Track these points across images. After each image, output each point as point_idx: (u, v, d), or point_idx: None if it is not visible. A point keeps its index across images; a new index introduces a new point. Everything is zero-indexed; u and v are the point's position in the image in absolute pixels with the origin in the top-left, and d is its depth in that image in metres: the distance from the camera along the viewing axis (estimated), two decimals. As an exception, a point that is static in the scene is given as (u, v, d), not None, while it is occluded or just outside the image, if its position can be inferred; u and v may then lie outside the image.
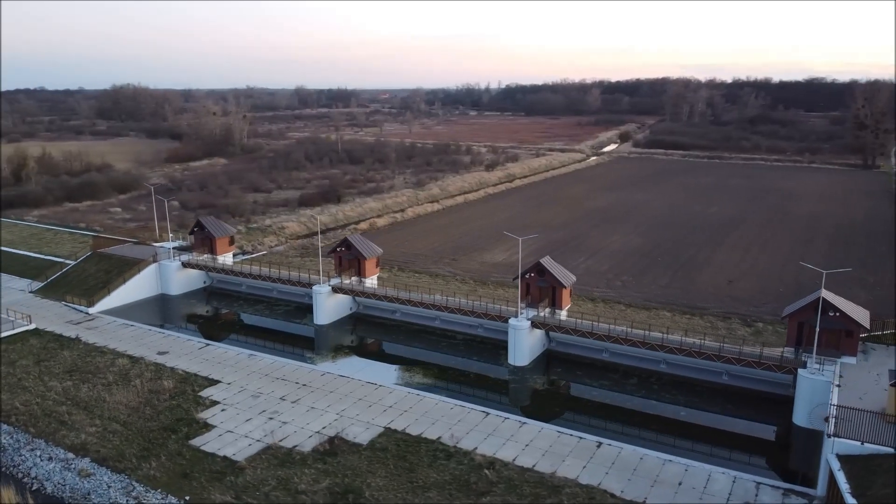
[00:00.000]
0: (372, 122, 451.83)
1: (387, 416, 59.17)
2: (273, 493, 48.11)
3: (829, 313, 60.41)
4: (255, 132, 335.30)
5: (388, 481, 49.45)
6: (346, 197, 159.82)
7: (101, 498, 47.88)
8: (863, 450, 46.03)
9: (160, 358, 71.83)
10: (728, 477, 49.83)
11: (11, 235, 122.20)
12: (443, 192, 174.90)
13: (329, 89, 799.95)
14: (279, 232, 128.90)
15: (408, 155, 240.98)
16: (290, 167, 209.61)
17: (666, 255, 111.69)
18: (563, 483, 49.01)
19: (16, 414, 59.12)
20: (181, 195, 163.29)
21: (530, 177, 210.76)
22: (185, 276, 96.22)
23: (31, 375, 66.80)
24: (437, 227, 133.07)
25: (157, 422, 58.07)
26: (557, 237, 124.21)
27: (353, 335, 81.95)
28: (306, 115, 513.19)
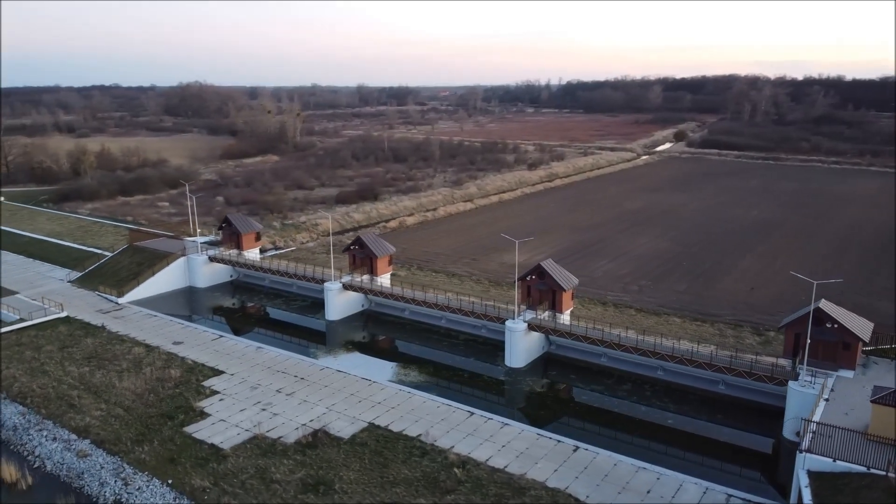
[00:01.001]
0: (426, 119, 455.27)
1: (374, 412, 60.85)
2: (249, 480, 50.45)
3: (827, 325, 58.85)
4: (310, 130, 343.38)
5: (360, 475, 51.12)
6: (383, 195, 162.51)
7: (93, 478, 51.27)
8: (834, 467, 44.97)
9: (174, 348, 75.57)
10: (700, 488, 49.42)
11: (60, 227, 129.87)
12: (480, 191, 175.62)
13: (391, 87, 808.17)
14: (312, 228, 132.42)
15: (452, 153, 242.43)
16: (337, 165, 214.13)
17: (691, 259, 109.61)
18: (529, 485, 49.60)
19: (32, 396, 63.52)
20: (227, 191, 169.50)
21: (573, 176, 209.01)
22: (212, 269, 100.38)
23: (54, 360, 71.42)
24: (464, 227, 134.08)
25: (157, 408, 61.38)
26: (583, 239, 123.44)
27: (363, 332, 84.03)
28: (364, 112, 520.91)
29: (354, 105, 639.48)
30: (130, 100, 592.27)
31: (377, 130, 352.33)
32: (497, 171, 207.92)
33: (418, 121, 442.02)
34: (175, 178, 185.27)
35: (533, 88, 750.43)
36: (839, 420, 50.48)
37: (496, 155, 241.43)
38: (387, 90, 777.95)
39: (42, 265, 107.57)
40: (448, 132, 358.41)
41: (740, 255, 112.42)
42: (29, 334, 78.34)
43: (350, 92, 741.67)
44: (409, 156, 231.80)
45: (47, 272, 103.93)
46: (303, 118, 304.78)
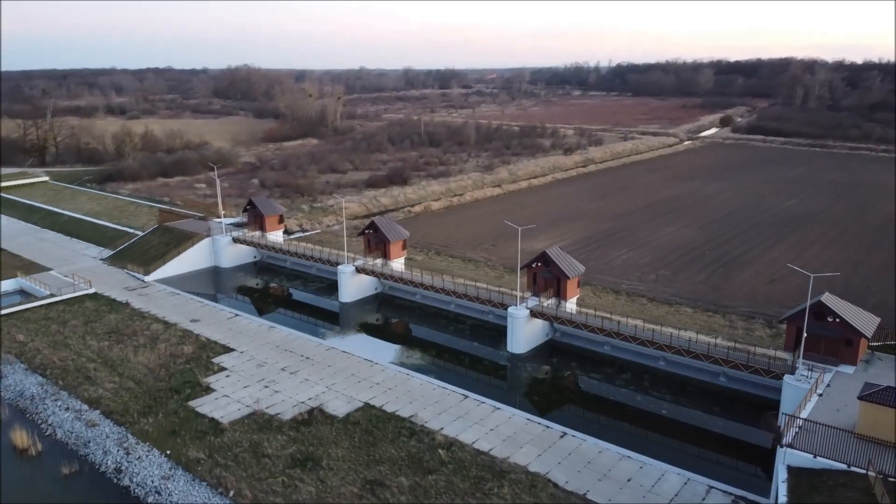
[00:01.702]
0: (468, 103, 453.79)
1: (371, 392, 62.38)
2: (242, 454, 52.59)
3: (828, 319, 57.67)
4: (352, 114, 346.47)
5: (348, 452, 52.73)
6: (413, 179, 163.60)
7: (98, 446, 54.19)
8: (815, 463, 44.39)
9: (191, 325, 78.53)
10: (681, 478, 49.43)
11: (99, 207, 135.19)
12: (511, 176, 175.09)
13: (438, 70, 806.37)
14: (339, 212, 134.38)
15: (489, 138, 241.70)
16: (373, 149, 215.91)
17: (715, 250, 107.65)
18: (510, 469, 50.42)
19: (52, 367, 67.12)
20: (262, 174, 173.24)
21: (609, 162, 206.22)
22: (236, 250, 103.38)
23: (77, 334, 75.13)
24: (489, 213, 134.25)
25: (166, 383, 64.18)
26: (608, 227, 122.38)
27: (375, 314, 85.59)
28: (408, 96, 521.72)
29: (400, 88, 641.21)
30: (183, 82, 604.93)
31: (418, 114, 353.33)
32: (532, 156, 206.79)
33: (460, 104, 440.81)
34: (214, 160, 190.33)
35: (581, 71, 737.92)
36: (830, 416, 49.68)
37: (533, 139, 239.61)
38: (434, 73, 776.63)
39: (78, 243, 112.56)
40: (489, 115, 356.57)
41: (768, 246, 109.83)
42: (57, 309, 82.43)
43: (397, 75, 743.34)
44: (444, 140, 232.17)
45: (82, 250, 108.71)
46: (343, 102, 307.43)
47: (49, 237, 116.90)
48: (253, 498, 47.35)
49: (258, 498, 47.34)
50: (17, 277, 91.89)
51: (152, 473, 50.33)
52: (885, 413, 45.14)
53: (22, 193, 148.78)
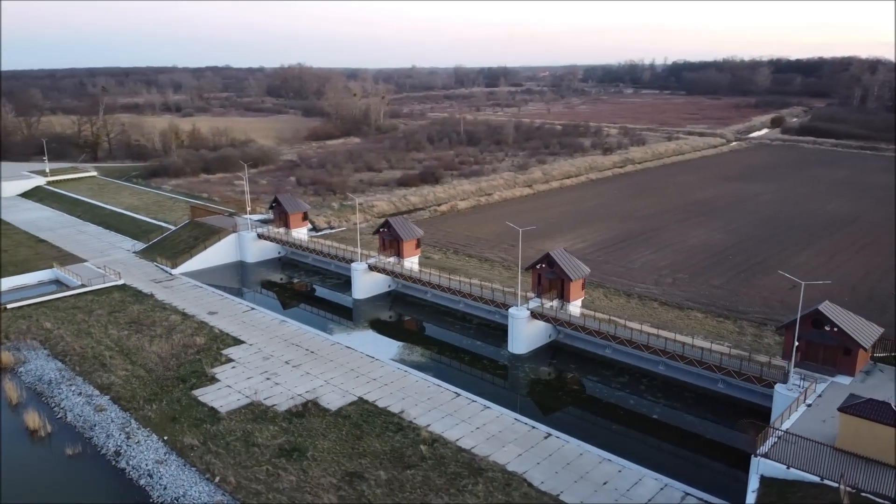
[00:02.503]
0: (514, 101, 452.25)
1: (367, 387, 63.91)
2: (233, 442, 54.80)
3: (826, 328, 56.40)
4: (397, 112, 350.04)
5: (334, 445, 54.36)
6: (445, 178, 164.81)
7: (102, 430, 57.21)
8: (787, 474, 43.82)
9: (207, 317, 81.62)
10: (658, 483, 49.32)
11: (139, 201, 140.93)
12: (544, 176, 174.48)
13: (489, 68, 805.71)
14: (368, 210, 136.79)
15: (528, 137, 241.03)
16: (410, 148, 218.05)
17: (741, 254, 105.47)
18: (489, 467, 51.17)
19: (71, 354, 70.90)
20: (300, 171, 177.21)
21: (649, 162, 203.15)
22: (261, 246, 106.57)
23: (100, 323, 79.04)
24: (514, 213, 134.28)
25: (175, 372, 67.08)
26: (634, 228, 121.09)
27: (386, 311, 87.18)
28: (456, 94, 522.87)
29: (450, 87, 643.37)
30: (239, 80, 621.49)
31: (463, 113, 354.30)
32: (570, 156, 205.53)
33: (507, 102, 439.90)
34: (256, 158, 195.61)
35: (636, 68, 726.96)
36: (815, 427, 48.75)
37: (574, 138, 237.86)
38: (485, 71, 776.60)
39: (115, 236, 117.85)
40: (534, 114, 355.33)
41: (798, 250, 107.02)
42: (86, 299, 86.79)
43: (448, 73, 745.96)
44: (483, 139, 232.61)
45: (118, 243, 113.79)
46: (388, 101, 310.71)
47: (89, 230, 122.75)
48: (236, 484, 49.39)
49: (241, 484, 49.36)
50: (54, 268, 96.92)
51: (147, 457, 52.95)
52: (866, 426, 44.09)
53: (69, 187, 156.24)
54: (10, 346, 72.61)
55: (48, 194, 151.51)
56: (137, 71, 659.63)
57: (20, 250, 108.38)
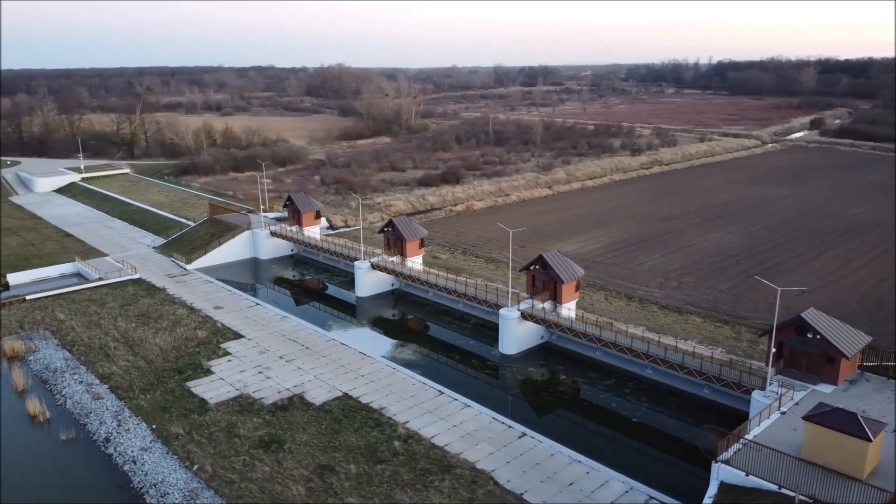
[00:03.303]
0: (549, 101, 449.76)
1: (353, 383, 65.31)
2: (217, 433, 56.78)
3: (808, 335, 55.64)
4: (431, 112, 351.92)
5: (312, 438, 55.87)
6: (466, 179, 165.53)
7: (96, 417, 59.84)
8: (746, 481, 43.68)
9: (213, 311, 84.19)
10: (624, 486, 49.47)
11: (165, 198, 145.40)
12: (567, 176, 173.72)
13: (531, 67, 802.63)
14: (385, 209, 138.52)
15: (558, 137, 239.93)
16: (437, 148, 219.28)
17: (755, 258, 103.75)
18: (458, 464, 52.01)
19: (79, 345, 74.09)
20: (325, 171, 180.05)
21: (677, 164, 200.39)
22: (273, 243, 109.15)
23: (110, 316, 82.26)
24: (529, 214, 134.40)
25: (173, 364, 69.54)
26: (648, 230, 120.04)
27: (388, 309, 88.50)
28: (493, 94, 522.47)
29: (489, 86, 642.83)
30: (281, 80, 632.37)
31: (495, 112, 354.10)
32: (597, 157, 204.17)
33: (542, 101, 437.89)
34: (285, 157, 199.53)
35: (679, 67, 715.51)
36: (785, 435, 48.35)
37: (604, 139, 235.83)
38: (526, 70, 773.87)
39: (138, 232, 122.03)
40: (569, 114, 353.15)
41: (814, 255, 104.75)
42: (101, 292, 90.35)
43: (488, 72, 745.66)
44: (511, 139, 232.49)
45: (140, 238, 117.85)
46: (420, 101, 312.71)
47: (115, 225, 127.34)
48: (212, 473, 51.26)
49: (217, 473, 51.22)
50: (76, 261, 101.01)
51: (134, 445, 55.29)
52: (831, 436, 43.57)
53: (102, 184, 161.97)
54: (24, 336, 76.28)
55: (81, 190, 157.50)
56: (184, 70, 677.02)
57: (47, 244, 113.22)
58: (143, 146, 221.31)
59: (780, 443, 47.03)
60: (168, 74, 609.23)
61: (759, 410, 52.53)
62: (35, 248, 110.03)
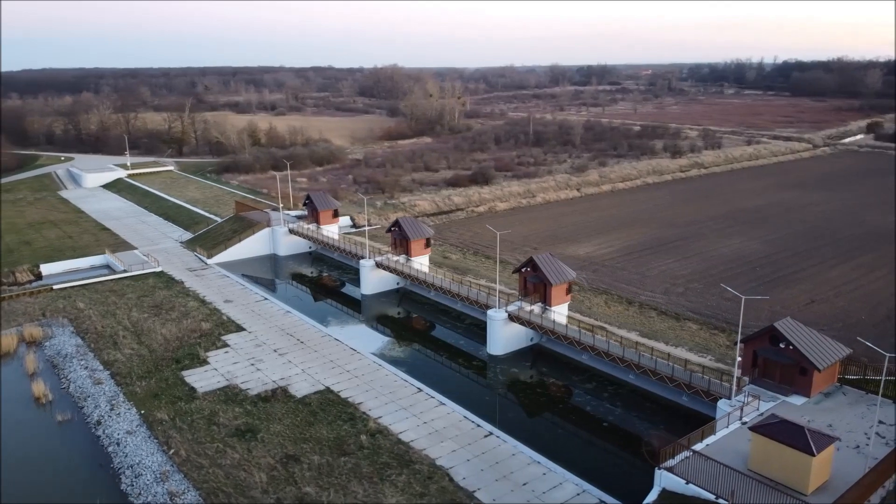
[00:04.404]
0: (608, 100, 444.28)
1: (337, 377, 67.42)
2: (198, 420, 59.74)
3: (781, 345, 54.75)
4: (478, 112, 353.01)
5: (285, 429, 58.18)
6: (496, 179, 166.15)
7: (93, 401, 63.66)
8: (686, 489, 43.74)
9: (222, 305, 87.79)
10: (577, 488, 49.95)
11: (201, 195, 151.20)
12: (601, 178, 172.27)
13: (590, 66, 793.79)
14: (409, 209, 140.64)
15: (600, 138, 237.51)
16: (475, 148, 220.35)
17: (771, 265, 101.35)
18: (419, 460, 53.40)
19: (92, 333, 78.59)
20: (358, 170, 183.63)
21: (718, 167, 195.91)
22: (292, 240, 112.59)
23: (126, 306, 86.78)
24: (552, 216, 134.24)
25: (173, 353, 73.10)
26: (667, 235, 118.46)
27: (390, 307, 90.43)
28: (544, 93, 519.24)
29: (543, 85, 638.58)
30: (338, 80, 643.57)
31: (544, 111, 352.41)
32: (636, 158, 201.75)
33: (593, 101, 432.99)
34: (323, 156, 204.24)
35: (742, 67, 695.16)
36: (742, 444, 47.81)
37: (648, 140, 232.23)
38: (584, 69, 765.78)
39: (170, 226, 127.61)
40: (619, 114, 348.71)
41: (834, 264, 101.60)
42: (123, 283, 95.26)
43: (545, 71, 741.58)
44: (550, 139, 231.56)
45: (170, 233, 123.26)
46: (463, 102, 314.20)
47: (150, 220, 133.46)
48: (185, 457, 54.10)
49: (189, 458, 54.01)
50: (105, 254, 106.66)
51: (121, 428, 58.73)
52: (775, 448, 43.20)
53: (146, 180, 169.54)
54: (43, 323, 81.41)
55: (126, 186, 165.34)
56: (246, 70, 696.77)
57: (84, 237, 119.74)
58: (193, 144, 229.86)
59: (733, 453, 46.78)
60: (230, 74, 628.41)
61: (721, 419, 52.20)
62: (71, 241, 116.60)
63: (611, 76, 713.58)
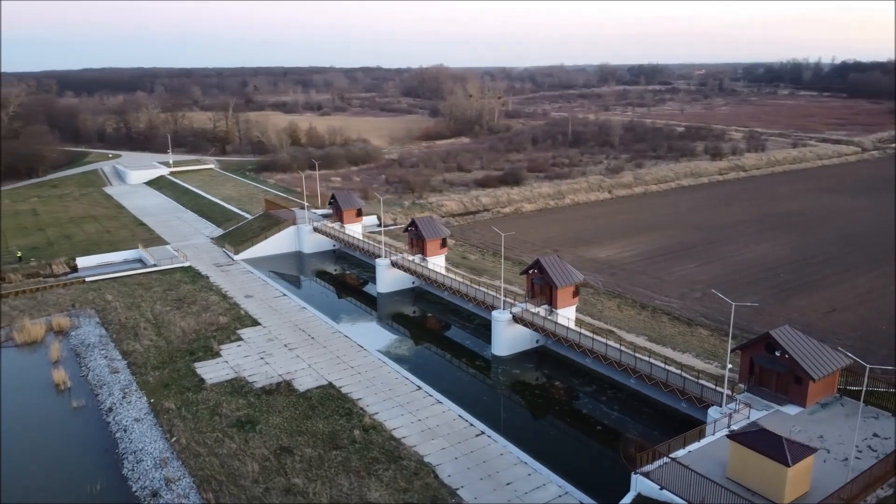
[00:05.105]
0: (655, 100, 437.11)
1: (341, 373, 68.98)
2: (202, 410, 62.08)
3: (776, 353, 53.88)
4: (520, 112, 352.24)
5: (283, 421, 59.96)
6: (527, 180, 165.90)
7: (108, 389, 66.72)
8: (660, 495, 43.69)
9: (242, 300, 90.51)
10: (560, 490, 50.23)
11: (236, 193, 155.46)
12: (635, 180, 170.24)
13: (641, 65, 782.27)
14: (436, 209, 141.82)
15: (639, 139, 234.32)
16: (511, 149, 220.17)
17: (797, 272, 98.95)
18: (407, 455, 54.45)
19: (116, 324, 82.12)
20: (391, 170, 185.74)
21: (759, 170, 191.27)
22: (316, 238, 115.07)
23: (151, 299, 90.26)
24: (579, 217, 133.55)
25: (189, 346, 75.88)
26: (693, 239, 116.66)
27: (403, 305, 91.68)
28: (591, 93, 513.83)
29: (592, 84, 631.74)
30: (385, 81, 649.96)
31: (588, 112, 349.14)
32: (674, 160, 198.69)
33: (640, 101, 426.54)
34: (359, 156, 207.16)
35: (799, 67, 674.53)
36: (723, 453, 47.33)
37: (690, 142, 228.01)
38: (635, 68, 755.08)
39: (203, 223, 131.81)
40: (665, 115, 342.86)
41: (863, 271, 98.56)
42: (151, 277, 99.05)
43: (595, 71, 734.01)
44: (589, 140, 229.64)
45: (203, 229, 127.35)
46: (503, 102, 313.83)
47: (186, 216, 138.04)
48: (185, 445, 56.37)
49: (189, 446, 56.25)
50: (138, 248, 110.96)
51: (129, 415, 61.50)
52: (752, 458, 42.82)
53: (186, 178, 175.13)
54: (72, 313, 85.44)
55: (167, 183, 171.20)
56: (296, 71, 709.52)
57: (121, 232, 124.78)
58: (236, 143, 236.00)
59: (714, 461, 46.43)
60: (280, 75, 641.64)
61: (718, 426, 51.71)
62: (109, 235, 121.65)
63: (662, 76, 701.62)
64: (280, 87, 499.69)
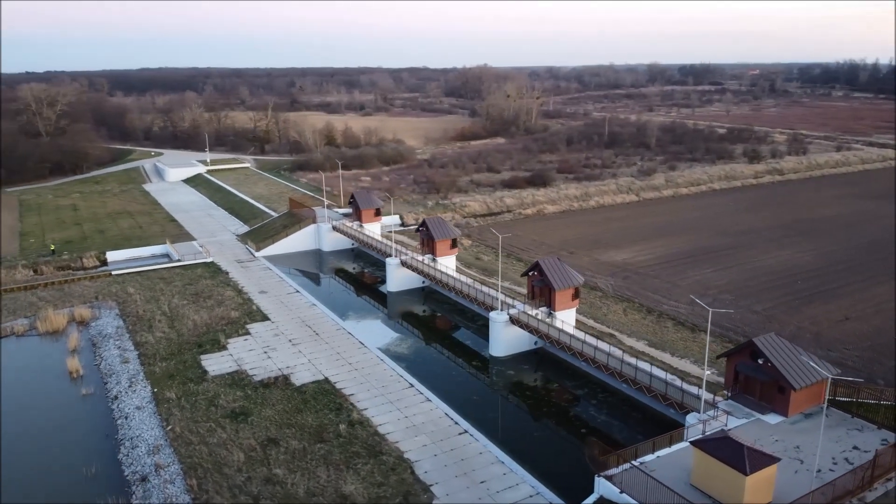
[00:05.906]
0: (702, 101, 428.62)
1: (338, 369, 70.74)
2: (200, 400, 64.58)
3: (759, 361, 53.28)
4: (560, 112, 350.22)
5: (275, 414, 61.96)
6: (554, 182, 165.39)
7: (116, 378, 69.88)
8: (620, 498, 43.94)
9: (256, 296, 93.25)
10: (531, 490, 50.82)
11: (266, 191, 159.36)
12: (667, 182, 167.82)
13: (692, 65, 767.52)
14: (459, 210, 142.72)
15: (677, 140, 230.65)
16: (544, 150, 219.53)
17: (817, 279, 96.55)
18: (388, 451, 55.74)
19: (133, 316, 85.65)
20: (420, 171, 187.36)
21: (797, 173, 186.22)
22: (335, 237, 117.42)
23: (170, 293, 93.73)
24: (601, 220, 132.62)
25: (198, 339, 78.76)
26: (715, 244, 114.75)
27: (411, 304, 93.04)
28: (636, 93, 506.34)
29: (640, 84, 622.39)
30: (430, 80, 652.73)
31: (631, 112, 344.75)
32: (711, 163, 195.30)
33: (685, 102, 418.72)
34: (391, 156, 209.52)
35: (856, 68, 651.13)
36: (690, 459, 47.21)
37: (730, 144, 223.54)
38: (686, 68, 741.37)
39: (231, 220, 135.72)
40: (710, 116, 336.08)
41: (883, 280, 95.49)
42: (174, 272, 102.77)
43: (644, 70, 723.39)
44: (625, 141, 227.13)
45: (230, 226, 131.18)
46: (541, 102, 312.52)
47: (216, 213, 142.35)
48: (179, 434, 58.86)
49: (182, 435, 58.70)
50: (166, 244, 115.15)
51: (132, 403, 64.40)
52: (714, 465, 42.62)
53: (221, 176, 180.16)
54: (94, 305, 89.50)
55: (203, 181, 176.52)
56: (344, 71, 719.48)
57: (152, 227, 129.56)
58: (276, 142, 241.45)
59: (681, 467, 46.26)
60: (328, 75, 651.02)
61: (696, 433, 51.44)
62: (141, 231, 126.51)
63: (713, 76, 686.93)
64: (325, 87, 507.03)
